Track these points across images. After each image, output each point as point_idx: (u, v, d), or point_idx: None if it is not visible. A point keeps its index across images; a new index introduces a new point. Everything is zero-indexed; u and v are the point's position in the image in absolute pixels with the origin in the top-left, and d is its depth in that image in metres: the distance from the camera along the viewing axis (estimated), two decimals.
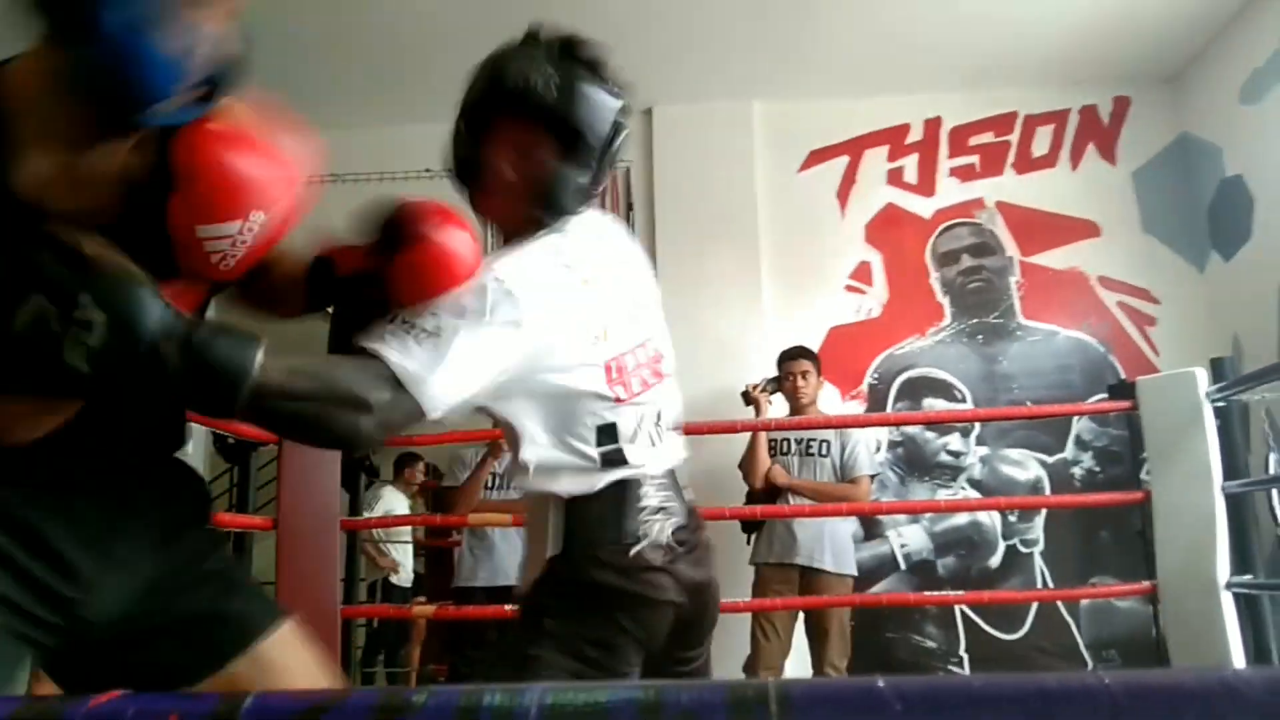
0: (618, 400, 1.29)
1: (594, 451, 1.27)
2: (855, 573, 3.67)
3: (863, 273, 4.66)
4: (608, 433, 1.28)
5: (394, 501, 5.68)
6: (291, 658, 1.18)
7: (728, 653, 3.46)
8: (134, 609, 1.12)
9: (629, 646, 1.26)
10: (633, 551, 1.27)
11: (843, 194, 4.75)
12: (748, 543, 3.75)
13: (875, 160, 4.77)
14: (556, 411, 1.26)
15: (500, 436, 3.48)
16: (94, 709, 0.45)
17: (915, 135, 4.78)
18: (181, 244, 0.96)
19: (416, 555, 6.11)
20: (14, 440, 1.01)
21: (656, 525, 1.30)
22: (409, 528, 5.86)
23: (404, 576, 5.90)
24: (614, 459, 1.28)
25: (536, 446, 1.26)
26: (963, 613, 4.29)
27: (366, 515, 5.04)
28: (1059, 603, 4.23)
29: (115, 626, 1.10)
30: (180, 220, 0.96)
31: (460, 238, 1.14)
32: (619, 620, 1.25)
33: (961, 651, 4.27)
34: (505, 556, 3.63)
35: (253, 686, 0.99)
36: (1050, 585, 4.26)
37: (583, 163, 1.28)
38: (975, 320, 4.57)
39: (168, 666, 1.12)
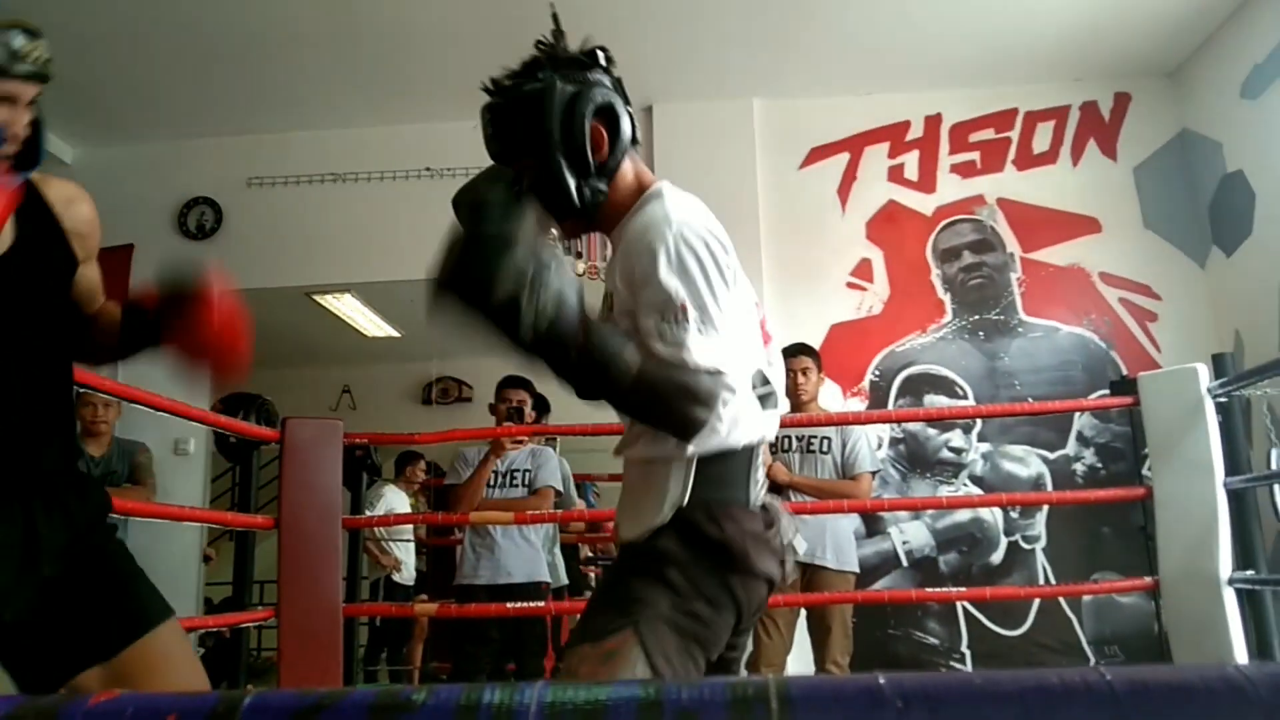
0: (766, 341, 1.35)
1: (752, 393, 1.30)
2: (857, 569, 3.67)
3: (864, 269, 4.66)
4: (759, 377, 1.33)
5: (396, 500, 5.70)
6: (175, 649, 1.37)
7: None
8: (39, 605, 1.29)
9: (731, 614, 1.25)
10: (755, 516, 1.29)
11: (843, 191, 4.75)
12: None
13: (876, 157, 4.77)
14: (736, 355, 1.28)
15: (501, 435, 3.49)
16: (93, 708, 0.45)
17: (916, 132, 4.78)
18: None
19: (419, 553, 6.12)
20: None
21: (763, 496, 1.32)
22: (411, 526, 5.87)
23: (406, 575, 5.91)
24: (767, 405, 1.33)
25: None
26: (965, 609, 4.29)
27: (368, 514, 5.04)
28: (1061, 599, 4.23)
29: (22, 619, 1.28)
30: None
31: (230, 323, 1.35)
32: (731, 584, 1.24)
33: (964, 648, 4.27)
34: (507, 554, 3.63)
35: (140, 675, 1.27)
36: (1052, 581, 4.26)
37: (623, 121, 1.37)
38: (976, 317, 4.57)
39: (65, 654, 1.29)
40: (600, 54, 1.36)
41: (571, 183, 1.30)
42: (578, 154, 1.30)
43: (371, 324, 6.94)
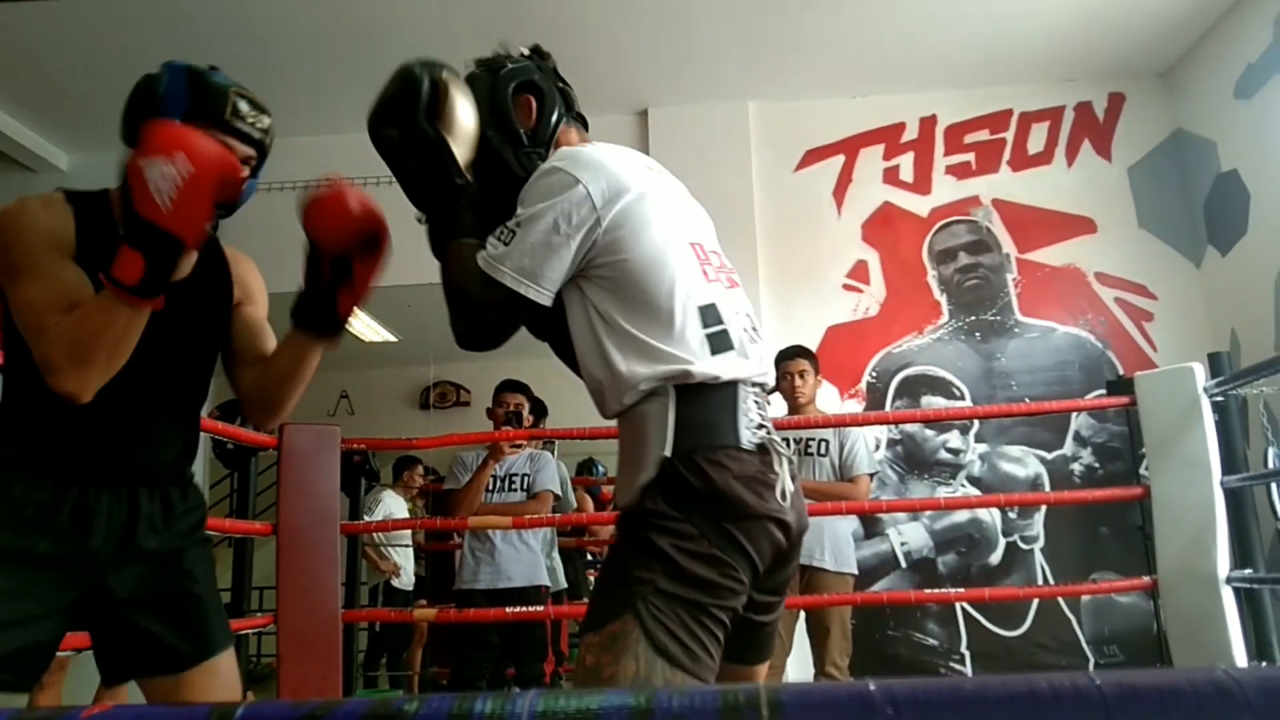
0: (707, 279, 1.31)
1: (700, 331, 1.26)
2: (856, 571, 3.66)
3: (860, 271, 4.67)
4: (711, 313, 1.28)
5: (394, 505, 5.69)
6: (230, 677, 1.46)
7: None
8: (140, 585, 1.39)
9: (743, 563, 1.21)
10: (747, 458, 1.24)
11: (839, 193, 4.75)
12: None
13: (871, 159, 4.78)
14: (657, 285, 1.26)
15: (499, 439, 3.49)
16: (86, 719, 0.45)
17: (910, 134, 4.79)
18: (131, 183, 1.25)
19: (417, 559, 6.12)
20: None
21: (762, 437, 1.27)
22: (409, 531, 5.86)
23: (405, 580, 5.91)
24: (722, 345, 1.27)
25: (643, 326, 1.25)
26: (964, 610, 4.30)
27: (367, 519, 5.04)
28: (1060, 599, 4.23)
29: (128, 598, 1.38)
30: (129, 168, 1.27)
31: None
32: (733, 533, 1.20)
33: (963, 649, 4.27)
34: (506, 559, 3.63)
35: (197, 695, 1.36)
36: (1051, 582, 4.26)
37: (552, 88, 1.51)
38: (973, 318, 4.58)
39: (145, 655, 1.40)
40: (527, 50, 1.50)
41: (507, 151, 1.43)
42: (506, 124, 1.43)
43: (369, 328, 6.95)
